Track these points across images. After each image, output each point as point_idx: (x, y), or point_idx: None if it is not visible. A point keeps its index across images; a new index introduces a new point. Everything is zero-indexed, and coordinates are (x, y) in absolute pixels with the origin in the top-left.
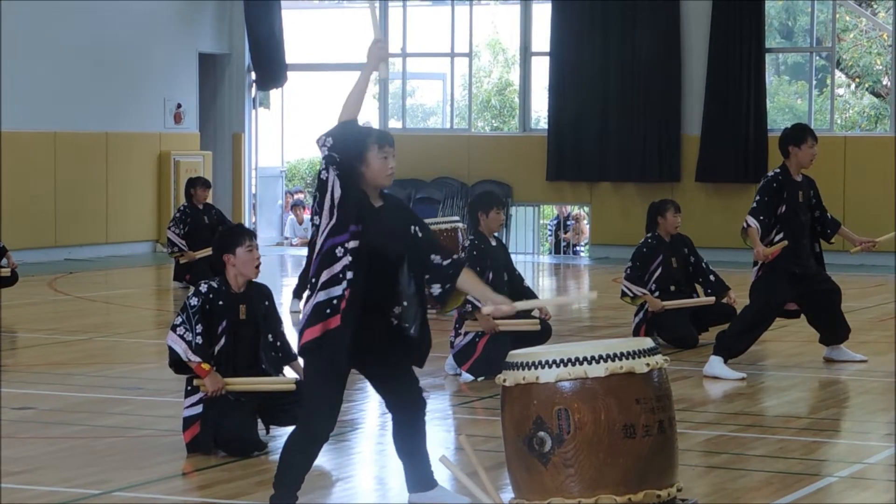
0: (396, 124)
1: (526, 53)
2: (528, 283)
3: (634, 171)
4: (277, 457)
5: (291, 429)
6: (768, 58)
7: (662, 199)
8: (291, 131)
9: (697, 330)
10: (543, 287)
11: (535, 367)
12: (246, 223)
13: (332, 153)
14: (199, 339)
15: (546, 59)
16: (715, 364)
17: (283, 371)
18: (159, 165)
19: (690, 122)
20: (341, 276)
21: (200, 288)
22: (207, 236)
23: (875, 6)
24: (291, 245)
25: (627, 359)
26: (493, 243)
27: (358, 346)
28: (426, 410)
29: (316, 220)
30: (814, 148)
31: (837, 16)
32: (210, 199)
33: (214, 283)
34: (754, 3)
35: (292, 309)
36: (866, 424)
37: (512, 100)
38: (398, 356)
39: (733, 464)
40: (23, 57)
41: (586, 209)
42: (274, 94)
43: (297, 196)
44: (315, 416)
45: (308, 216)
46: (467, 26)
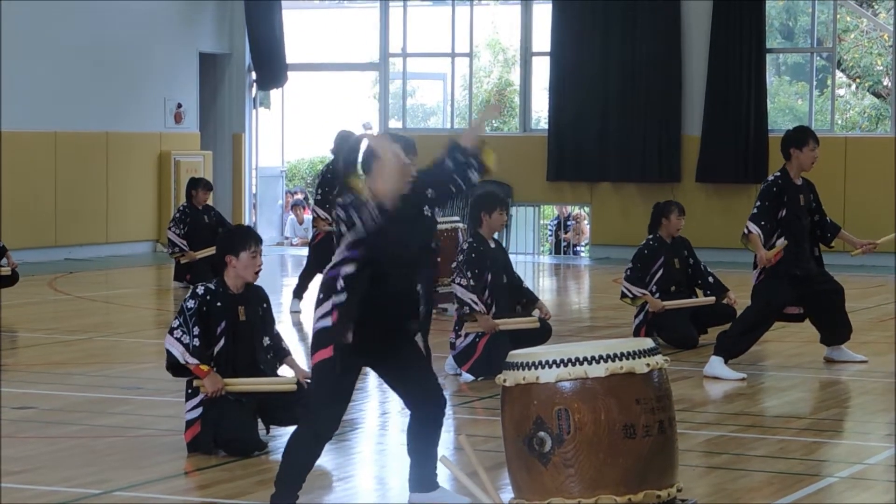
0: (397, 124)
1: (526, 54)
2: (527, 285)
3: (635, 172)
4: (278, 456)
5: (292, 428)
6: (769, 58)
7: (667, 201)
8: (292, 131)
9: (697, 331)
10: (544, 287)
11: (536, 368)
12: (246, 223)
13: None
14: (196, 342)
15: (546, 60)
16: (715, 364)
17: (277, 371)
18: (159, 165)
19: (691, 123)
20: (356, 300)
21: (197, 290)
22: (207, 236)
23: (876, 6)
24: (292, 245)
25: (628, 359)
26: (492, 245)
27: (374, 355)
28: (445, 411)
29: (325, 227)
30: (815, 151)
31: (838, 16)
32: (210, 201)
33: (211, 285)
34: (755, 4)
35: (292, 309)
36: (867, 425)
37: (512, 100)
38: (415, 354)
39: (733, 464)
40: (23, 57)
41: (586, 209)
42: (274, 94)
43: (297, 196)
44: (320, 418)
45: (308, 216)
46: (468, 26)
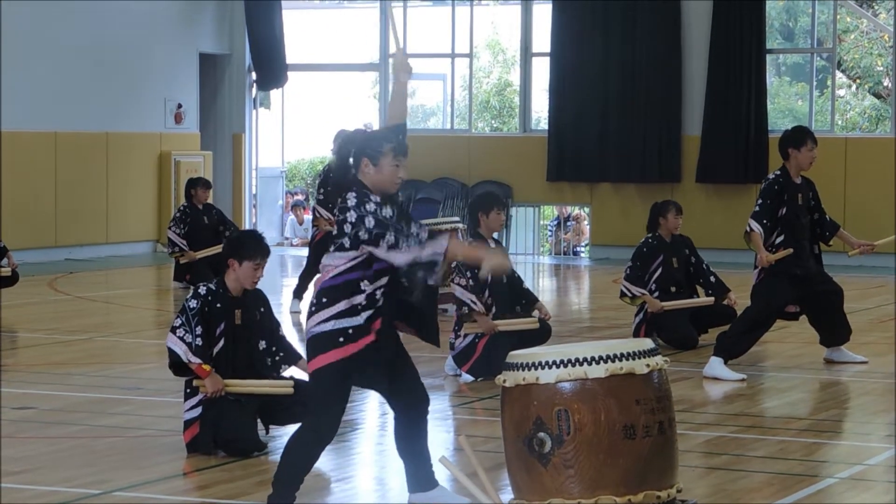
0: None
1: (526, 54)
2: (527, 285)
3: (635, 172)
4: (278, 457)
5: (292, 428)
6: (769, 58)
7: (665, 200)
8: (292, 132)
9: (697, 331)
10: (543, 288)
11: (535, 368)
12: (246, 223)
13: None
14: (198, 341)
15: (546, 60)
16: (715, 365)
17: (281, 373)
18: (160, 165)
19: (691, 123)
20: (360, 307)
21: (199, 290)
22: (208, 236)
23: (876, 7)
24: (292, 245)
25: (627, 359)
26: (492, 245)
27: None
28: (429, 408)
29: (326, 226)
30: (813, 151)
31: (838, 17)
32: (210, 200)
33: (213, 286)
34: (755, 4)
35: (292, 309)
36: (867, 426)
37: (512, 100)
38: (401, 357)
39: (733, 465)
40: (23, 57)
41: (586, 210)
42: (274, 94)
43: (297, 196)
44: (321, 421)
45: (308, 216)
46: (468, 27)
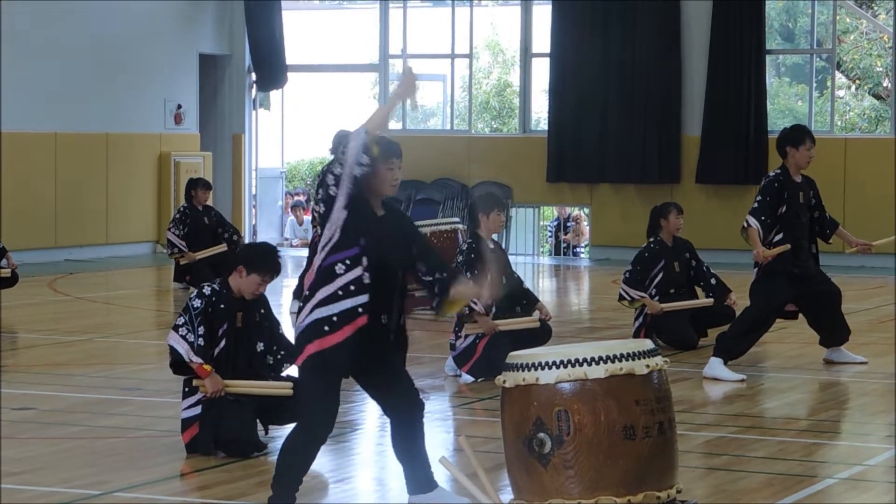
0: (396, 125)
1: (526, 55)
2: (527, 286)
3: (634, 173)
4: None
5: (291, 428)
6: (769, 59)
7: (664, 202)
8: (291, 132)
9: (697, 332)
10: (543, 288)
11: (535, 369)
12: (246, 224)
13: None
14: (201, 341)
15: (546, 61)
16: (715, 365)
17: (282, 372)
18: (159, 166)
19: (691, 124)
20: (341, 293)
21: (203, 290)
22: (208, 237)
23: (875, 8)
24: (291, 246)
25: (627, 360)
26: (491, 246)
27: (358, 357)
28: (424, 412)
29: (318, 229)
30: (811, 150)
31: (838, 17)
32: (210, 201)
33: (217, 286)
34: (755, 4)
35: (292, 310)
36: (866, 426)
37: (511, 101)
38: (392, 360)
39: (733, 465)
40: (23, 57)
41: (586, 210)
42: (274, 95)
43: (297, 197)
44: (314, 420)
45: (308, 217)
46: (467, 27)
